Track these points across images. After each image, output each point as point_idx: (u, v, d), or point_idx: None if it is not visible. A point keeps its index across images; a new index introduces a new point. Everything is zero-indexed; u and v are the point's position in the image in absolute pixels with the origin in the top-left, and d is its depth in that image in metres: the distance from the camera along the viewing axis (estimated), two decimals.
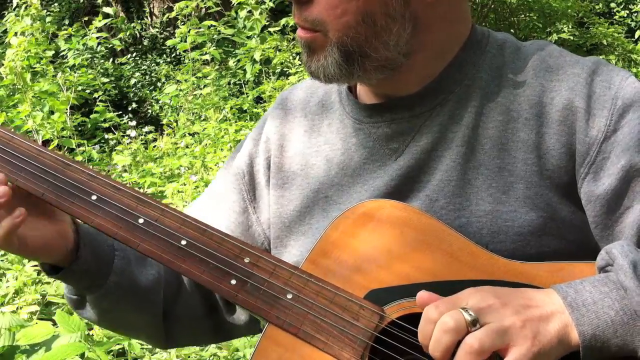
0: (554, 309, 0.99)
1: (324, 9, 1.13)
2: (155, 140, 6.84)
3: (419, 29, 1.16)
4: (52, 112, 5.79)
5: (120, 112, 7.66)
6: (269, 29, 7.27)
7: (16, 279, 3.82)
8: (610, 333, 0.98)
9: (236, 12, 7.53)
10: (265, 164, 1.35)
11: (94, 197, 1.20)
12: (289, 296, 1.13)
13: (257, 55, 6.89)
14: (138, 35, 9.20)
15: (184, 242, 1.17)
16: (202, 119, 6.54)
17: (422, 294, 1.03)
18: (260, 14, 7.18)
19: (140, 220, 1.19)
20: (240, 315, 1.39)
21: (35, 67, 6.53)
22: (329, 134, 1.30)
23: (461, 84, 1.21)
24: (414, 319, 1.08)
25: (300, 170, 1.30)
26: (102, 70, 8.33)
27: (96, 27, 7.58)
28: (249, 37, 7.23)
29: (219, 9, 7.65)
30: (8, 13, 7.60)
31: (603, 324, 0.98)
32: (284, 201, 1.31)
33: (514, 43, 1.24)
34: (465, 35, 1.23)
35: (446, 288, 1.04)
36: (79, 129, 6.75)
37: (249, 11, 7.16)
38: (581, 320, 0.98)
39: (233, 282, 1.15)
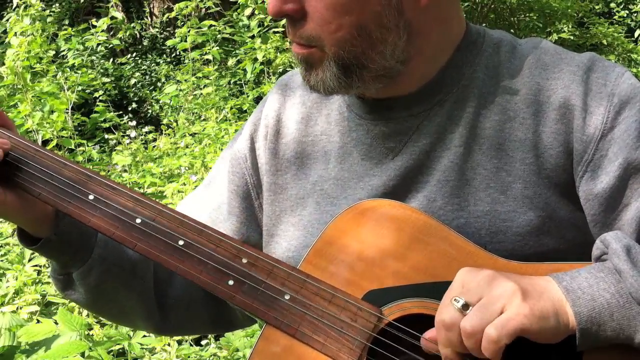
0: (549, 286, 0.99)
1: (318, 25, 1.12)
2: (155, 140, 6.83)
3: (414, 35, 1.16)
4: (52, 112, 5.79)
5: (120, 112, 7.64)
6: (271, 30, 7.26)
7: (16, 279, 3.82)
8: (606, 316, 0.97)
9: (237, 12, 7.51)
10: (265, 147, 1.33)
11: (91, 197, 1.20)
12: (287, 297, 1.12)
13: (259, 55, 6.87)
14: (138, 35, 9.19)
15: (181, 243, 1.17)
16: (202, 119, 6.53)
17: (425, 335, 1.04)
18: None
19: (138, 221, 1.19)
20: None
21: (35, 67, 6.53)
22: (326, 125, 1.29)
23: (459, 84, 1.20)
24: (412, 320, 1.08)
25: (295, 159, 1.29)
26: (102, 70, 8.32)
27: (102, 30, 7.55)
28: (252, 37, 7.21)
29: (218, 9, 7.64)
30: (8, 13, 7.59)
31: (599, 306, 0.98)
32: (276, 189, 1.30)
33: (510, 42, 1.24)
34: (460, 35, 1.23)
35: (445, 288, 1.03)
36: (79, 129, 6.74)
37: (258, 13, 7.14)
38: (577, 302, 0.98)
39: (230, 282, 1.15)
